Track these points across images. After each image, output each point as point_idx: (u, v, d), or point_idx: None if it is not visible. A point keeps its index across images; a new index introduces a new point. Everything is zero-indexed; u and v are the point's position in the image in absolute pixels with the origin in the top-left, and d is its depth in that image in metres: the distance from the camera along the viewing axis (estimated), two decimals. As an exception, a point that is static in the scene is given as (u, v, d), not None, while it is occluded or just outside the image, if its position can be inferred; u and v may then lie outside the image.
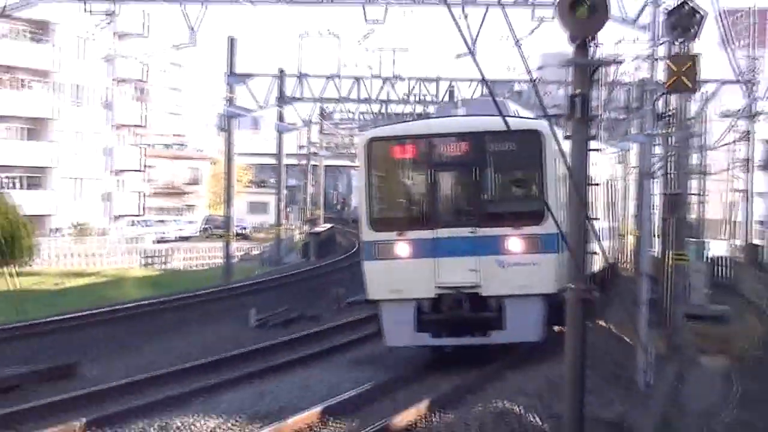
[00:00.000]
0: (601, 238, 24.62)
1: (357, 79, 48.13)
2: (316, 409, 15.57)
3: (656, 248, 29.62)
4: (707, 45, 30.69)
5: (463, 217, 20.17)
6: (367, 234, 20.51)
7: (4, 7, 32.58)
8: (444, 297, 20.47)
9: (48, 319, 27.37)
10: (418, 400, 17.39)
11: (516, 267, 19.93)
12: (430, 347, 20.81)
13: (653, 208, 26.61)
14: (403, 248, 19.82)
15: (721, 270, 45.22)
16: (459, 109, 23.07)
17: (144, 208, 78.97)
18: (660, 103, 25.74)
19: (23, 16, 50.29)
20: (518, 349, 22.10)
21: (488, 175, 20.64)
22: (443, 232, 20.03)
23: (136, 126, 77.34)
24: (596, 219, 24.18)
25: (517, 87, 31.34)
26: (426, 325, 19.78)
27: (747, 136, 48.47)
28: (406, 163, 20.93)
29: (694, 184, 37.71)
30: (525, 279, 19.79)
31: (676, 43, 24.23)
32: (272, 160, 75.80)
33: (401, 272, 19.77)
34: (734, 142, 49.31)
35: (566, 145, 12.85)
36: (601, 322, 26.53)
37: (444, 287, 20.43)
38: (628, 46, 39.22)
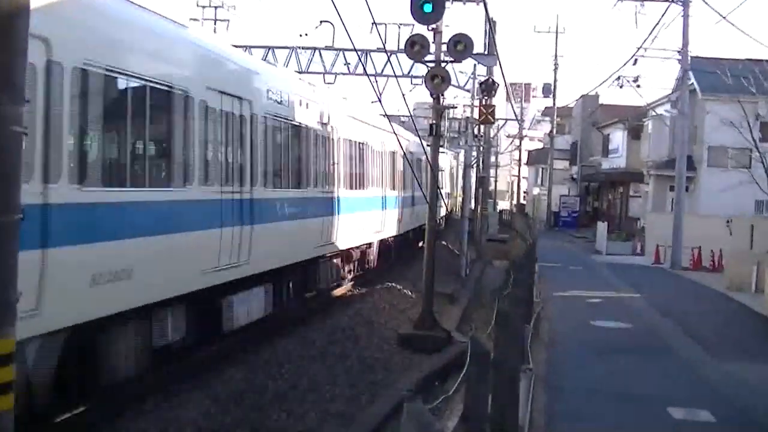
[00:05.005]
0: (444, 198, 34.11)
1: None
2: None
3: (472, 204, 32.97)
4: (499, 100, 37.96)
5: None
6: None
7: None
8: None
9: None
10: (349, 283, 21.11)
11: None
12: None
13: (471, 183, 32.83)
14: None
15: (504, 216, 57.49)
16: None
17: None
18: (476, 129, 33.76)
19: None
20: (403, 258, 26.73)
21: None
22: None
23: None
24: (442, 188, 29.32)
25: (403, 119, 39.89)
26: None
27: (519, 147, 65.41)
28: None
29: (492, 172, 50.88)
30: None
31: (484, 98, 29.37)
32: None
33: None
34: (512, 150, 67.37)
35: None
36: (443, 242, 31.07)
37: None
38: (460, 99, 45.33)
